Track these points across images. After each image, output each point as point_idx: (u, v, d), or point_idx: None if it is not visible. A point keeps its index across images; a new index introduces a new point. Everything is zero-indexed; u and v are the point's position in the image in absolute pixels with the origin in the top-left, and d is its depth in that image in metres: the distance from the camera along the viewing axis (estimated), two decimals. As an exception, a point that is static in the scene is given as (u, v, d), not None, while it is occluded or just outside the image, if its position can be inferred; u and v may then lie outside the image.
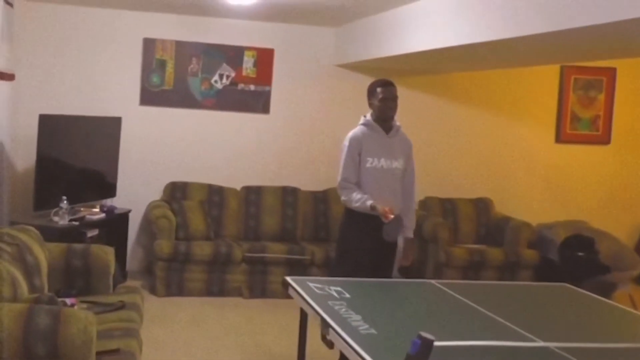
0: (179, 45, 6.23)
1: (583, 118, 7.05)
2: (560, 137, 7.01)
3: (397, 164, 4.09)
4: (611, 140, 7.09)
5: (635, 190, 7.19)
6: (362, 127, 4.13)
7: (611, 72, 7.01)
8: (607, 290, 5.71)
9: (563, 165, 7.05)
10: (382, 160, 4.05)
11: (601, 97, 7.04)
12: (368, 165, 4.03)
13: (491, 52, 4.58)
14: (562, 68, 6.94)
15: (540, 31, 3.41)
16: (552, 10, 3.31)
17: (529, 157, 6.99)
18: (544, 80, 6.95)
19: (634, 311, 3.51)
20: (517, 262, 6.06)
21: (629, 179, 7.17)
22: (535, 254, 6.14)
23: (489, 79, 6.78)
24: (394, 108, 4.09)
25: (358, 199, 3.96)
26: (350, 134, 4.15)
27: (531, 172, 7.00)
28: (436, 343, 1.99)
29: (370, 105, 4.15)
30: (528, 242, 6.22)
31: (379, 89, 4.09)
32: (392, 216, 3.82)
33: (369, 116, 4.15)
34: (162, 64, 6.23)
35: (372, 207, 3.88)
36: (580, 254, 6.04)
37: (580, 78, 6.99)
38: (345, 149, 4.12)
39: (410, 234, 4.18)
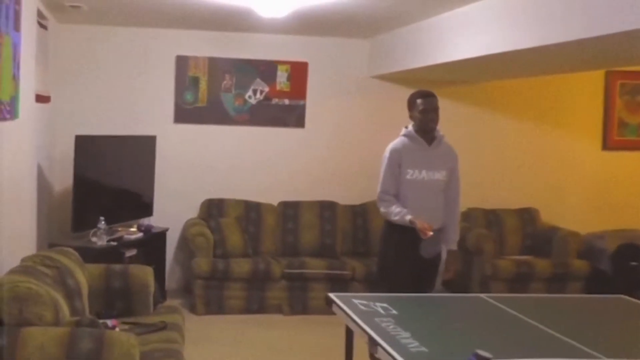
0: (212, 61, 6.25)
1: (631, 124, 6.91)
2: (607, 144, 6.88)
3: (439, 176, 4.02)
4: (659, 145, 6.93)
5: (687, 196, 6.99)
6: (403, 138, 4.08)
7: (659, 76, 6.86)
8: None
9: (611, 173, 6.89)
10: (424, 172, 3.99)
11: (649, 102, 6.90)
12: (408, 177, 3.98)
13: (531, 58, 4.50)
14: (606, 73, 6.80)
15: (584, 36, 3.35)
16: (594, 14, 3.24)
17: (576, 166, 6.85)
18: (588, 87, 6.82)
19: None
20: (566, 274, 5.91)
21: (680, 184, 6.98)
22: (585, 264, 5.98)
23: (531, 87, 6.67)
24: (435, 119, 4.03)
25: (397, 213, 3.92)
26: (391, 145, 4.10)
27: (578, 181, 6.86)
28: (495, 361, 1.91)
29: (411, 117, 4.10)
30: (577, 253, 6.08)
31: (419, 100, 4.04)
32: (430, 233, 3.76)
33: (410, 127, 4.09)
34: (196, 81, 6.25)
35: (411, 222, 3.82)
36: (633, 263, 5.88)
37: (626, 83, 6.85)
38: (385, 161, 4.08)
39: (454, 246, 4.10)
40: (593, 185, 6.88)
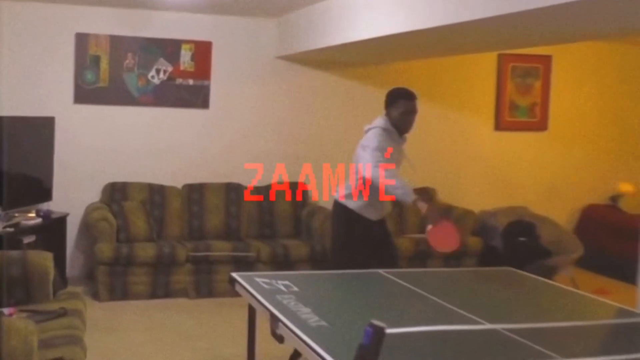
0: (114, 40, 6.11)
1: (521, 105, 7.25)
2: (500, 125, 7.19)
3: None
4: (548, 127, 7.32)
5: (573, 175, 7.45)
6: (382, 130, 4.13)
7: (547, 60, 7.22)
8: (548, 274, 5.89)
9: (503, 153, 7.23)
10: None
11: (538, 84, 7.25)
12: None
13: (431, 39, 4.65)
14: (499, 56, 7.11)
15: (480, 17, 3.49)
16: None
17: (470, 146, 7.14)
18: (482, 69, 7.11)
19: (576, 291, 3.64)
20: (461, 250, 6.18)
21: (566, 164, 7.42)
22: (479, 241, 6.29)
23: (430, 69, 6.88)
24: (414, 122, 4.20)
25: (402, 186, 3.95)
26: (378, 129, 4.13)
27: (473, 161, 7.16)
28: (388, 330, 2.02)
29: (388, 113, 4.20)
30: (472, 230, 6.38)
31: (401, 101, 4.16)
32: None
33: (385, 121, 4.18)
34: (96, 60, 6.09)
35: (414, 202, 3.92)
36: (522, 239, 6.22)
37: (517, 66, 7.18)
38: (377, 134, 4.10)
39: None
40: (487, 165, 7.20)
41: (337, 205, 4.32)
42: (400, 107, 4.14)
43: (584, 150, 7.45)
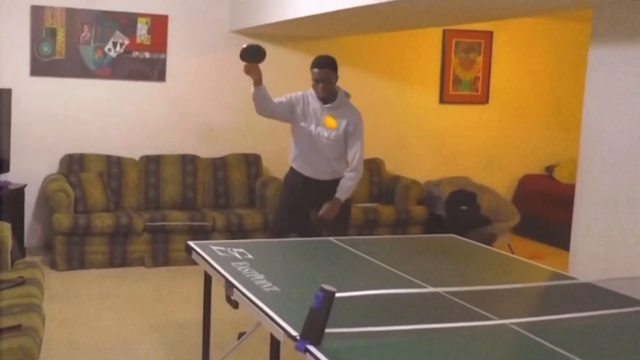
0: (70, 12, 5.93)
1: (464, 79, 7.33)
2: (444, 98, 7.27)
3: (327, 134, 4.27)
4: (489, 100, 7.43)
5: (512, 146, 7.60)
6: (309, 92, 4.34)
7: (488, 35, 7.31)
8: (488, 240, 6.04)
9: (447, 125, 7.32)
10: (312, 126, 4.28)
11: (480, 59, 7.34)
12: (301, 124, 4.31)
13: (377, 15, 4.66)
14: (444, 32, 7.15)
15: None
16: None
17: (416, 119, 7.21)
18: (427, 44, 7.15)
19: (513, 256, 3.74)
20: (408, 219, 6.29)
21: (505, 135, 7.56)
22: (424, 210, 6.39)
23: (379, 44, 6.89)
24: (325, 89, 4.22)
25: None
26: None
27: (419, 133, 7.23)
28: (337, 294, 2.05)
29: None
30: (417, 199, 6.47)
31: (312, 70, 4.25)
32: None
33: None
34: (52, 32, 5.91)
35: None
36: (463, 207, 6.34)
37: (461, 41, 7.24)
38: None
39: (339, 195, 4.27)
40: (432, 137, 7.29)
41: None
42: (312, 75, 4.25)
43: (522, 123, 7.60)
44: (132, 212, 5.80)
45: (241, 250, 3.26)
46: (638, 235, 3.40)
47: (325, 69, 4.21)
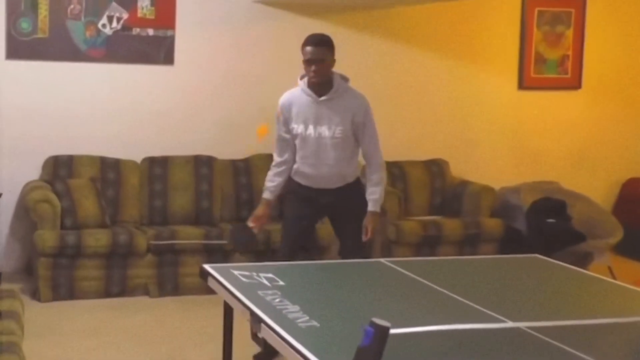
0: (54, -19, 6.06)
1: (549, 59, 7.29)
2: (524, 83, 7.24)
3: (329, 133, 4.34)
4: (582, 85, 7.36)
5: (611, 143, 7.51)
6: (296, 88, 4.43)
7: (581, 3, 7.26)
8: (582, 261, 5.99)
9: (528, 116, 7.28)
10: (310, 127, 4.35)
11: (569, 33, 7.28)
12: (294, 132, 4.42)
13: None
14: (523, 0, 7.11)
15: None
16: None
17: (488, 109, 7.18)
18: (502, 15, 7.13)
19: (614, 281, 3.71)
20: (479, 234, 6.27)
21: (603, 129, 7.47)
22: (499, 223, 6.36)
23: (439, 15, 6.89)
24: (318, 72, 4.29)
25: (265, 186, 4.65)
26: (282, 97, 4.50)
27: (491, 126, 7.19)
28: (392, 330, 2.07)
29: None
30: (491, 210, 6.44)
31: (304, 48, 4.33)
32: (251, 224, 4.56)
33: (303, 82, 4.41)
34: (33, 4, 6.02)
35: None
36: (550, 220, 6.28)
37: (545, 10, 7.20)
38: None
39: (373, 208, 4.41)
40: (508, 131, 7.26)
41: None
42: (303, 56, 4.33)
43: (625, 114, 7.51)
44: (132, 227, 5.89)
45: (270, 275, 3.29)
46: None
47: (321, 47, 4.29)
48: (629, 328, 2.80)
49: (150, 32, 6.31)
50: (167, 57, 6.37)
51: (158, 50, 6.34)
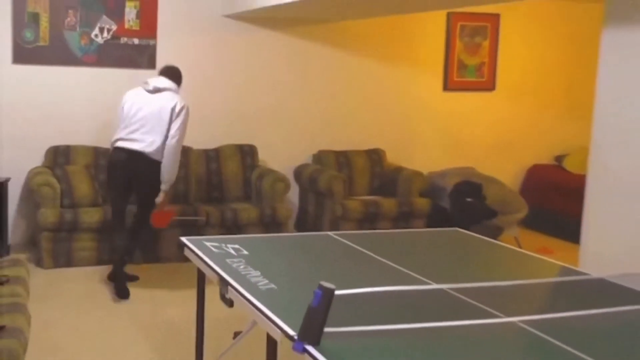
0: (52, -4, 5.91)
1: (469, 65, 7.32)
2: (448, 85, 7.26)
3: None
4: (496, 87, 7.42)
5: (519, 135, 7.59)
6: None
7: (495, 18, 7.29)
8: (494, 234, 6.05)
9: (451, 113, 7.31)
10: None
11: (486, 43, 7.32)
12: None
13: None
14: (448, 15, 7.14)
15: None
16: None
17: (419, 107, 7.20)
18: (431, 29, 7.14)
19: (520, 250, 3.74)
20: (410, 212, 6.29)
21: (513, 124, 7.55)
22: (427, 202, 6.39)
23: (380, 28, 6.88)
24: None
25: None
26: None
27: (421, 121, 7.22)
28: (337, 292, 2.05)
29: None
30: (420, 191, 6.46)
31: None
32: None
33: None
34: (35, 17, 5.88)
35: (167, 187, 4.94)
36: (469, 199, 6.33)
37: (466, 25, 7.22)
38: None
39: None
40: (435, 126, 7.28)
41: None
42: None
43: (531, 111, 7.60)
44: (121, 206, 5.78)
45: (236, 246, 3.26)
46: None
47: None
48: (533, 288, 2.82)
49: (136, 41, 6.20)
50: (149, 62, 6.26)
51: (142, 56, 6.24)
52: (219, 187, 6.27)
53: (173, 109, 4.75)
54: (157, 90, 4.85)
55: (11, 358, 2.75)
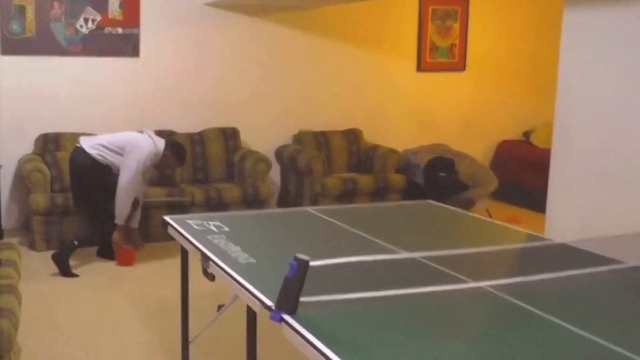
0: (37, -11, 5.77)
1: (441, 47, 7.29)
2: (421, 66, 7.22)
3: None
4: (466, 67, 7.39)
5: (489, 112, 7.59)
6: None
7: (465, 2, 7.26)
8: (467, 206, 6.06)
9: (425, 93, 7.29)
10: None
11: (456, 26, 7.28)
12: None
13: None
14: (420, 0, 7.07)
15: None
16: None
17: (394, 88, 7.16)
18: (404, 13, 7.09)
19: (491, 220, 3.73)
20: (386, 187, 6.28)
21: (482, 102, 7.54)
22: (402, 178, 6.38)
23: (355, 13, 6.82)
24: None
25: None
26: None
27: (396, 102, 7.19)
28: (312, 263, 2.02)
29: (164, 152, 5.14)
30: (395, 168, 6.45)
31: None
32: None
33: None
34: (21, 9, 5.75)
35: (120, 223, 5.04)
36: (442, 174, 6.33)
37: (437, 8, 7.18)
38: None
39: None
40: (409, 105, 7.26)
41: None
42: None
43: (499, 90, 7.59)
44: (110, 189, 5.71)
45: (217, 223, 3.22)
46: (612, 195, 3.40)
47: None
48: (502, 254, 2.82)
49: (120, 30, 6.09)
50: (133, 51, 6.15)
51: (126, 45, 6.13)
52: (203, 169, 6.21)
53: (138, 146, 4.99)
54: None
55: (3, 338, 2.73)
